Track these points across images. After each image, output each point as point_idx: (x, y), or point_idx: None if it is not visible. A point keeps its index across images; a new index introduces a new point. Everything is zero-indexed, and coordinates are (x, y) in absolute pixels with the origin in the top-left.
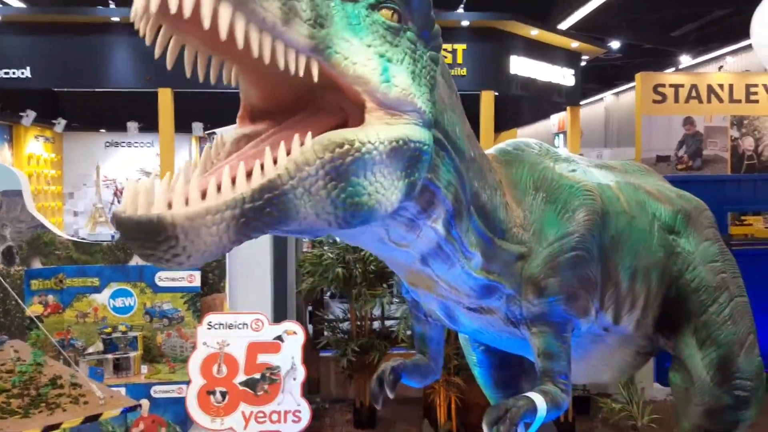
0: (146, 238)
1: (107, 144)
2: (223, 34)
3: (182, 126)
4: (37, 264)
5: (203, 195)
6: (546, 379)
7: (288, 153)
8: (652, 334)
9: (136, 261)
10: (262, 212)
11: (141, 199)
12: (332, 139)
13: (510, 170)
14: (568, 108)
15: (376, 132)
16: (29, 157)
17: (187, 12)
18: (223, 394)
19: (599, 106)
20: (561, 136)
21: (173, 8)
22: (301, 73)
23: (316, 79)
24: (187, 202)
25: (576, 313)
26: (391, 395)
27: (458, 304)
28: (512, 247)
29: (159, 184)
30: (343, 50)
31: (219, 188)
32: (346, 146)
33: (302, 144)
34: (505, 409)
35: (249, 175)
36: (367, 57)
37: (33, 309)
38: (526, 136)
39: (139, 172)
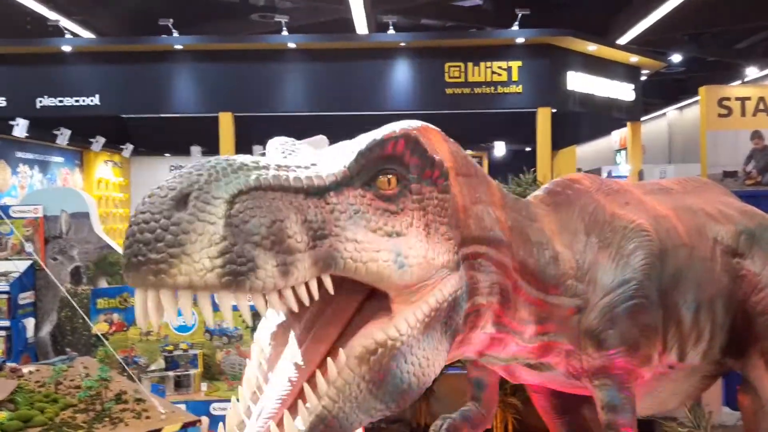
0: None
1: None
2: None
3: (243, 149)
4: (103, 283)
5: None
6: None
7: (323, 375)
8: (719, 359)
9: None
10: None
11: None
12: (366, 347)
13: (560, 214)
14: (628, 124)
15: (405, 319)
16: (99, 181)
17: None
18: None
19: (662, 121)
20: (622, 152)
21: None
22: (316, 295)
23: (331, 291)
24: None
25: (638, 363)
26: None
27: (518, 364)
28: (566, 301)
29: None
30: (351, 252)
31: None
32: (380, 350)
33: (335, 360)
34: None
35: (292, 408)
36: (376, 248)
37: (99, 327)
38: (587, 153)
39: None
